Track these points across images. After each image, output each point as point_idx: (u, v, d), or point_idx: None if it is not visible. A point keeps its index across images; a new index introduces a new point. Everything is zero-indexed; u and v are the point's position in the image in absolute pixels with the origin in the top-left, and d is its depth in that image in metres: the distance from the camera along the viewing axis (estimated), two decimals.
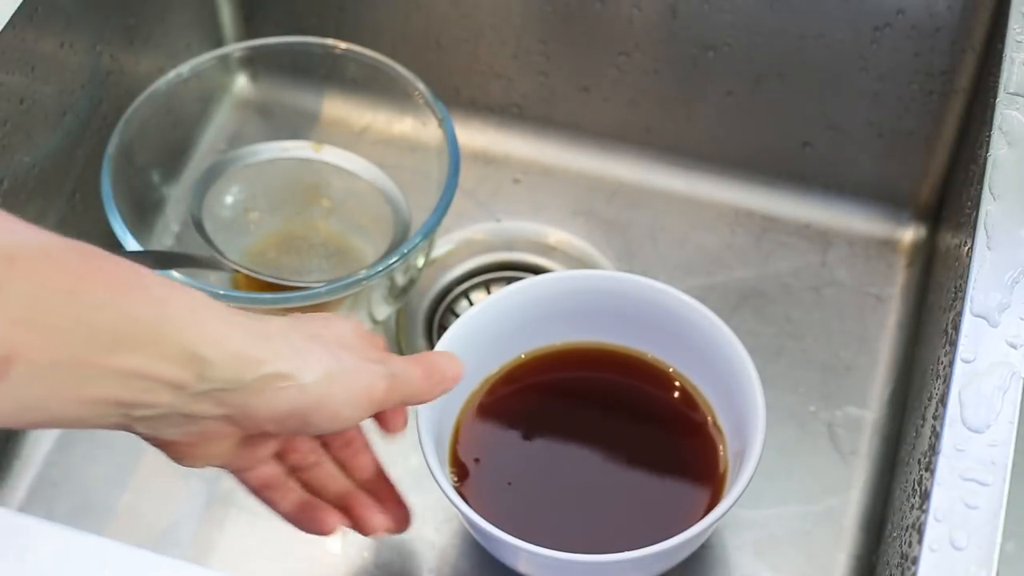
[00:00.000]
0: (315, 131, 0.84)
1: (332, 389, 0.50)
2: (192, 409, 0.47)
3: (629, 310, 0.66)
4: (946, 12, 0.72)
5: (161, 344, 0.44)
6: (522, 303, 0.65)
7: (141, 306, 0.44)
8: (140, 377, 0.44)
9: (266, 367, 0.48)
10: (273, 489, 0.57)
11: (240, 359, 0.47)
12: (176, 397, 0.46)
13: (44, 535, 0.47)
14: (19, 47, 0.66)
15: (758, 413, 0.60)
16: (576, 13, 0.79)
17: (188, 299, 0.46)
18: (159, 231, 0.76)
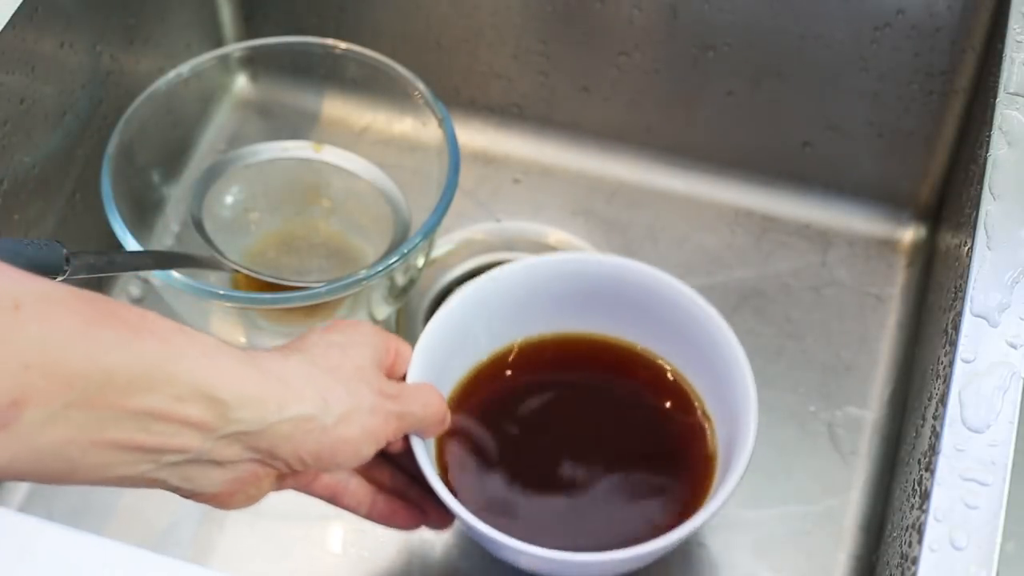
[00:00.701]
0: (315, 131, 0.84)
1: (351, 429, 0.51)
2: (221, 455, 0.48)
3: (616, 294, 0.65)
4: (946, 12, 0.72)
5: (176, 385, 0.45)
6: (507, 289, 0.65)
7: (152, 348, 0.44)
8: (159, 419, 0.45)
9: (288, 409, 0.49)
10: (346, 495, 0.58)
11: (260, 401, 0.48)
12: (202, 442, 0.46)
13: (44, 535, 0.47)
14: (19, 47, 0.66)
15: (749, 403, 0.59)
16: (576, 13, 0.79)
17: (199, 342, 0.46)
18: (159, 231, 0.76)
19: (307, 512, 0.69)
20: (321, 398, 0.50)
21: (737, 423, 0.60)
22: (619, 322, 0.66)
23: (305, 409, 0.49)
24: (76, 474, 0.44)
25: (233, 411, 0.47)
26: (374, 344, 0.56)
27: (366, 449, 0.53)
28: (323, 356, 0.53)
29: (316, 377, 0.51)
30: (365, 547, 0.68)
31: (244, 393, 0.47)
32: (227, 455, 0.48)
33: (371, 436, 0.53)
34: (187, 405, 0.45)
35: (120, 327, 0.44)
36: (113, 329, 0.43)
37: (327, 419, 0.50)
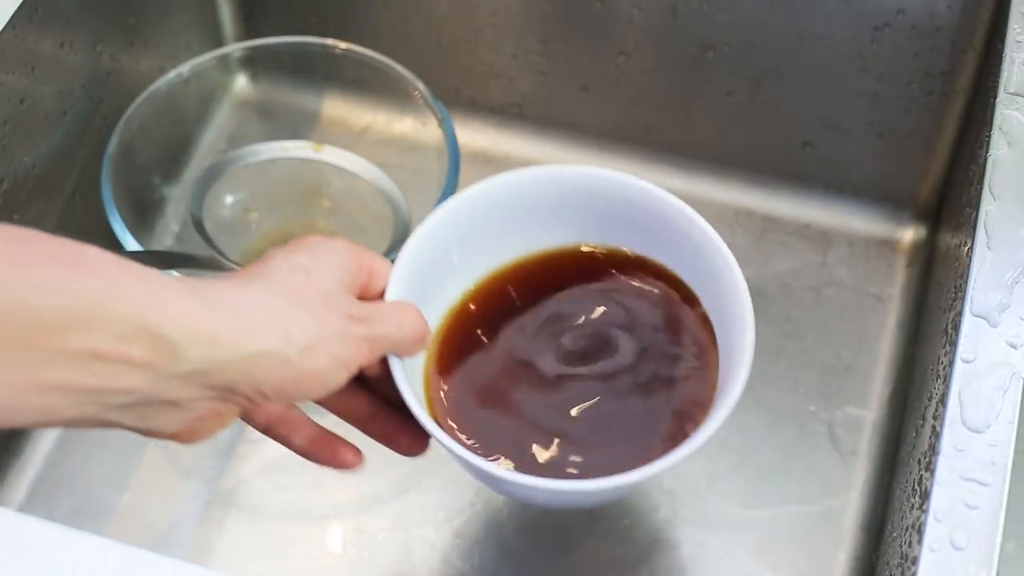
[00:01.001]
0: (315, 131, 0.84)
1: (319, 360, 0.48)
2: (175, 395, 0.45)
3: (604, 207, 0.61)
4: (946, 12, 0.72)
5: (116, 323, 0.42)
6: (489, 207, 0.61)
7: (89, 285, 0.42)
8: (100, 359, 0.42)
9: (245, 346, 0.46)
10: (282, 425, 0.55)
11: (212, 339, 0.45)
12: (151, 383, 0.44)
13: (44, 535, 0.47)
14: (19, 47, 0.66)
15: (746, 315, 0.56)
16: (576, 13, 0.79)
17: (143, 278, 0.44)
18: (159, 231, 0.76)
19: (307, 512, 0.70)
20: (282, 329, 0.47)
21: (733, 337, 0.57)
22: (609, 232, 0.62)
23: (265, 344, 0.46)
24: (17, 416, 0.43)
25: (182, 350, 0.44)
26: (344, 263, 0.53)
27: (335, 378, 0.49)
28: (285, 281, 0.49)
29: (277, 307, 0.48)
30: (365, 547, 0.68)
31: (193, 330, 0.44)
32: (182, 395, 0.45)
33: (341, 364, 0.49)
34: (130, 344, 0.43)
35: (51, 264, 0.42)
36: (43, 266, 0.41)
37: (291, 352, 0.47)
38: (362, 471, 0.56)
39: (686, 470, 0.70)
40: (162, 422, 0.47)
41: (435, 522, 0.68)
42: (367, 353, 0.51)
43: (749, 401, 0.73)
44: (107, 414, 0.45)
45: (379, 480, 0.70)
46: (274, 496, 0.70)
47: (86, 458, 0.71)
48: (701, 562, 0.67)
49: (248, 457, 0.71)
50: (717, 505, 0.69)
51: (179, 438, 0.48)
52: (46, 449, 0.72)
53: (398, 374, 0.54)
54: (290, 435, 0.55)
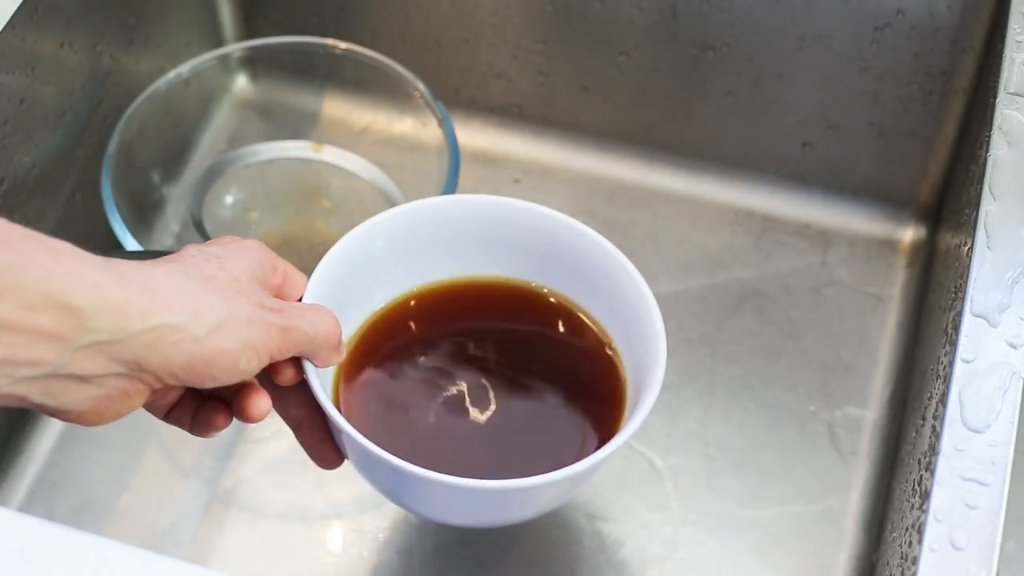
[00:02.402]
0: (315, 131, 0.84)
1: (227, 340, 0.48)
2: (83, 368, 0.45)
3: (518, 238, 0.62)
4: (946, 12, 0.72)
5: (25, 293, 0.42)
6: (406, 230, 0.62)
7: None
8: (8, 329, 0.42)
9: (153, 318, 0.45)
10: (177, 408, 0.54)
11: (121, 309, 0.45)
12: (58, 353, 0.44)
13: (44, 535, 0.47)
14: (19, 47, 0.66)
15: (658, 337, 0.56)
16: (576, 13, 0.79)
17: (53, 248, 0.44)
18: (159, 231, 0.76)
19: (307, 512, 0.70)
20: (190, 307, 0.47)
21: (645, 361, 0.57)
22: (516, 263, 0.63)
23: (172, 318, 0.46)
24: None
25: (90, 319, 0.44)
26: (257, 260, 0.53)
27: (245, 362, 0.49)
28: (196, 267, 0.50)
29: (185, 286, 0.48)
30: (365, 547, 0.68)
31: (102, 300, 0.44)
32: (89, 368, 0.45)
33: (250, 348, 0.49)
34: (38, 314, 0.43)
35: None
36: None
37: (198, 329, 0.47)
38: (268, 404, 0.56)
39: (687, 470, 0.70)
40: (69, 399, 0.46)
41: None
42: (279, 342, 0.50)
43: (749, 401, 0.73)
44: (14, 387, 0.44)
45: None
46: (274, 496, 0.70)
47: (86, 458, 0.71)
48: (701, 562, 0.67)
49: (248, 457, 0.71)
50: (717, 505, 0.69)
51: (85, 418, 0.48)
52: (46, 449, 0.72)
53: (311, 376, 0.54)
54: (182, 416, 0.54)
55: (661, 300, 0.64)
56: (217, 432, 0.55)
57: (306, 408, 0.55)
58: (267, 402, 0.54)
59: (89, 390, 0.46)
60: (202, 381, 0.48)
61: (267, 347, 0.50)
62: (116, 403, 0.48)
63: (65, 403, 0.46)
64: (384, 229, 0.61)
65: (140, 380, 0.47)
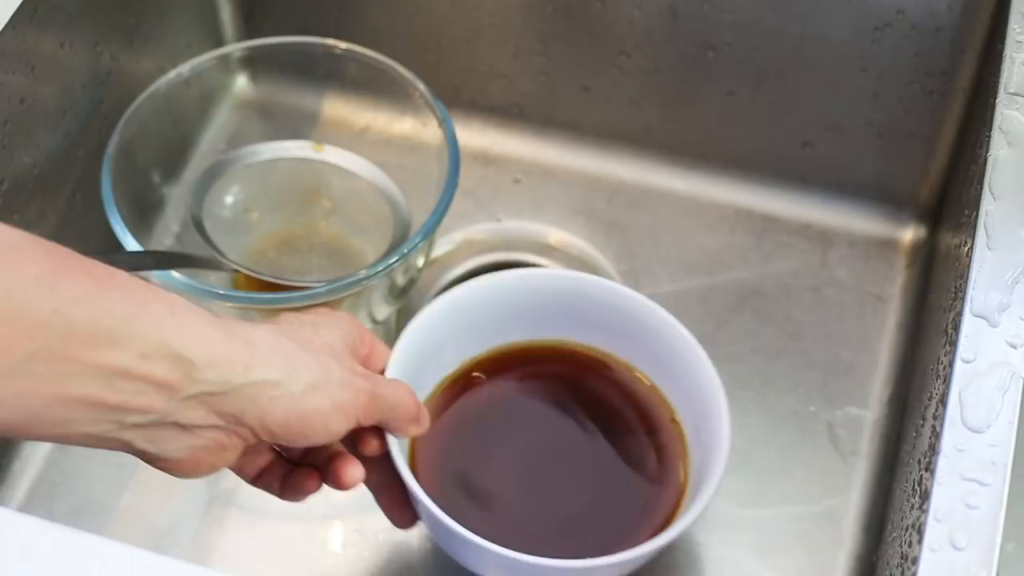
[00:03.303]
0: (315, 131, 0.84)
1: (320, 400, 0.50)
2: (186, 417, 0.47)
3: (593, 312, 0.65)
4: (946, 12, 0.72)
5: (142, 342, 0.44)
6: (483, 300, 0.65)
7: (119, 303, 0.43)
8: (124, 376, 0.44)
9: (255, 373, 0.48)
10: (268, 474, 0.57)
11: (226, 362, 0.47)
12: (166, 402, 0.46)
13: (44, 535, 0.47)
14: (19, 47, 0.66)
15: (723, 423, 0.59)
16: (576, 13, 0.79)
17: (167, 300, 0.45)
18: (159, 231, 0.76)
19: (307, 512, 0.69)
20: (288, 365, 0.49)
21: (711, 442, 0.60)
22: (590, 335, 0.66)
23: (272, 374, 0.48)
24: (35, 427, 0.44)
25: (199, 371, 0.46)
26: (348, 329, 0.56)
27: (335, 423, 0.51)
28: (294, 330, 0.52)
29: (284, 346, 0.50)
30: (365, 547, 0.68)
31: (211, 353, 0.46)
32: (192, 418, 0.47)
33: (340, 410, 0.51)
34: (153, 363, 0.44)
35: (86, 280, 0.43)
36: (78, 282, 0.42)
37: (294, 387, 0.49)
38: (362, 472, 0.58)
39: None
40: (168, 448, 0.48)
41: None
42: (365, 406, 0.53)
43: (749, 401, 0.73)
44: (120, 433, 0.46)
45: None
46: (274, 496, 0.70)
47: (86, 458, 0.71)
48: (701, 562, 0.67)
49: None
50: (717, 505, 0.69)
51: (181, 467, 0.50)
52: (46, 449, 0.72)
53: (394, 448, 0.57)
54: (272, 482, 0.57)
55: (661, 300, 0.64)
56: (306, 496, 0.58)
57: (387, 475, 0.58)
58: (360, 471, 0.57)
59: (188, 440, 0.48)
60: (294, 439, 0.50)
61: (355, 410, 0.52)
62: (211, 455, 0.49)
63: (164, 451, 0.48)
64: (463, 301, 0.64)
65: (236, 434, 0.49)
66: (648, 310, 0.64)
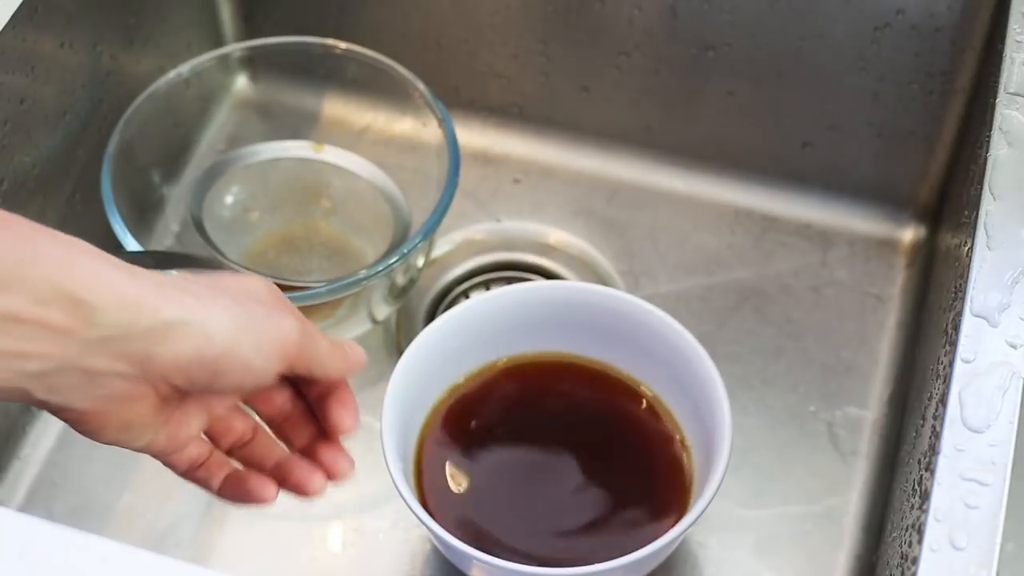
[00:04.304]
0: (315, 131, 0.84)
1: (241, 338, 0.47)
2: (89, 363, 0.44)
3: (598, 321, 0.65)
4: (946, 12, 0.72)
5: (32, 285, 0.42)
6: (490, 313, 0.65)
7: (8, 246, 0.42)
8: (16, 321, 0.42)
9: (163, 313, 0.45)
10: (203, 468, 0.53)
11: (131, 304, 0.44)
12: (66, 347, 0.43)
13: (44, 535, 0.47)
14: (19, 47, 0.66)
15: (724, 427, 0.59)
16: (576, 13, 0.79)
17: (64, 243, 0.44)
18: (159, 231, 0.76)
19: (307, 512, 0.69)
20: (203, 305, 0.46)
21: (712, 446, 0.60)
22: (595, 346, 0.66)
23: (184, 314, 0.45)
24: None
25: (100, 314, 0.43)
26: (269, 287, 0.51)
27: (259, 362, 0.48)
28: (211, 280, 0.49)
29: (198, 290, 0.47)
30: (365, 547, 0.68)
31: (113, 295, 0.44)
32: (96, 364, 0.45)
33: (265, 349, 0.48)
34: (49, 308, 0.42)
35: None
36: None
37: (209, 325, 0.46)
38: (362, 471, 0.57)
39: None
40: (72, 397, 0.46)
41: None
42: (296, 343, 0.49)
43: (749, 401, 0.73)
44: (19, 381, 0.44)
45: (379, 480, 0.70)
46: None
47: (86, 458, 0.71)
48: (701, 562, 0.67)
49: None
50: (717, 505, 0.69)
51: (87, 419, 0.47)
52: (46, 449, 0.72)
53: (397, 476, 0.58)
54: (209, 478, 0.54)
55: (661, 300, 0.64)
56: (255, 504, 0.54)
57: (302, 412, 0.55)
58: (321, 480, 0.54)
59: (92, 388, 0.46)
60: (212, 382, 0.47)
61: (283, 347, 0.49)
62: (119, 406, 0.47)
63: (68, 401, 0.46)
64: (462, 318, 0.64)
65: (145, 382, 0.46)
66: (649, 315, 0.64)
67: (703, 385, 0.61)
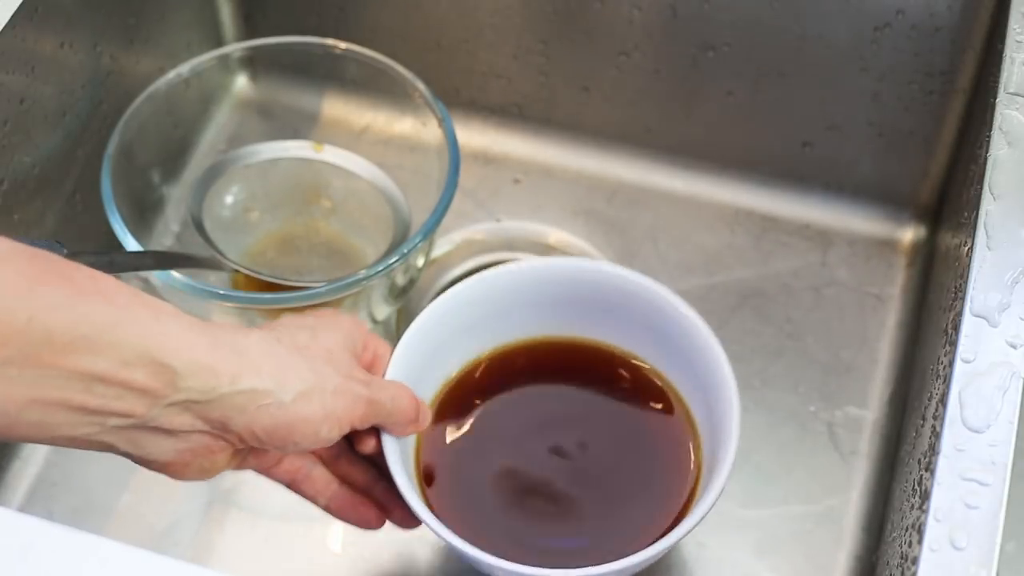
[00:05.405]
0: (315, 131, 0.84)
1: (312, 408, 0.50)
2: (170, 423, 0.47)
3: (601, 300, 0.64)
4: (946, 12, 0.72)
5: (122, 349, 0.44)
6: (486, 295, 0.64)
7: (99, 310, 0.43)
8: (103, 382, 0.44)
9: (241, 382, 0.47)
10: (307, 483, 0.57)
11: (211, 371, 0.46)
12: (149, 408, 0.46)
13: (44, 535, 0.47)
14: (19, 47, 0.66)
15: (732, 411, 0.58)
16: (576, 13, 0.79)
17: (152, 307, 0.45)
18: (159, 231, 0.76)
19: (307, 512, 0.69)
20: (279, 372, 0.49)
21: (720, 429, 0.59)
22: (600, 327, 0.65)
23: (260, 383, 0.48)
24: (15, 429, 0.44)
25: (182, 379, 0.46)
26: (350, 333, 0.55)
27: (327, 431, 0.51)
28: (289, 335, 0.52)
29: (276, 352, 0.50)
30: (365, 547, 0.68)
31: (195, 361, 0.46)
32: (176, 424, 0.47)
33: (333, 417, 0.51)
34: (133, 370, 0.44)
35: (66, 287, 0.43)
36: (58, 288, 0.43)
37: (284, 395, 0.49)
38: None
39: None
40: (154, 450, 0.48)
41: None
42: (362, 414, 0.53)
43: (749, 401, 0.73)
44: (103, 436, 0.46)
45: None
46: (274, 496, 0.70)
47: (86, 458, 0.71)
48: (701, 562, 0.67)
49: None
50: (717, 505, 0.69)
51: (170, 469, 0.50)
52: (46, 449, 0.72)
53: (390, 453, 0.56)
54: (316, 495, 0.58)
55: None
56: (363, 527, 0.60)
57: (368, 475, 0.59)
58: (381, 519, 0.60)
59: (174, 443, 0.48)
60: (283, 446, 0.50)
61: (349, 417, 0.52)
62: (199, 458, 0.50)
63: (150, 453, 0.48)
64: (464, 298, 0.64)
65: (223, 439, 0.49)
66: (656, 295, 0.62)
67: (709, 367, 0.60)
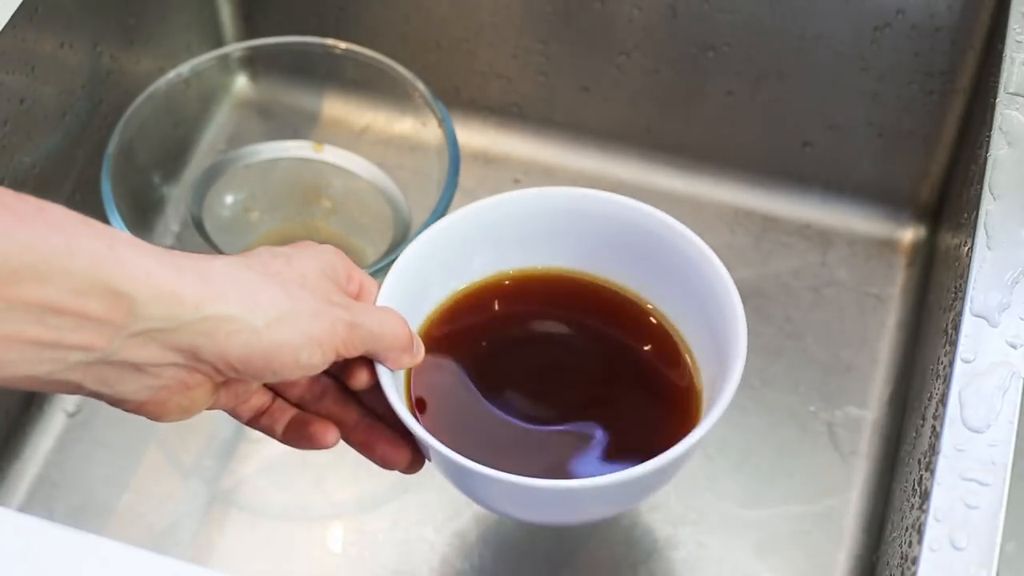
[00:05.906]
0: (315, 131, 0.84)
1: (287, 332, 0.47)
2: (136, 356, 0.44)
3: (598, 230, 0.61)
4: (946, 12, 0.72)
5: (73, 277, 0.42)
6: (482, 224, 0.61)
7: (44, 238, 0.41)
8: (56, 313, 0.42)
9: (207, 308, 0.45)
10: (266, 415, 0.54)
11: (173, 297, 0.44)
12: (110, 339, 0.43)
13: (44, 535, 0.47)
14: (19, 47, 0.66)
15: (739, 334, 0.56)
16: (576, 13, 0.79)
17: (105, 235, 0.43)
18: (159, 231, 0.76)
19: (307, 512, 0.70)
20: (248, 298, 0.46)
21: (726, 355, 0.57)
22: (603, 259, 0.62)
23: (227, 308, 0.45)
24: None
25: (141, 306, 0.43)
26: (331, 262, 0.52)
27: (307, 357, 0.48)
28: (261, 263, 0.49)
29: (244, 277, 0.47)
30: (365, 547, 0.68)
31: (155, 287, 0.43)
32: (143, 356, 0.45)
33: (314, 342, 0.48)
34: (87, 299, 0.42)
35: (6, 215, 0.41)
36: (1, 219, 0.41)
37: (256, 321, 0.46)
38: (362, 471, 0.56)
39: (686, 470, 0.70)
40: (126, 388, 0.46)
41: (435, 522, 0.68)
42: (344, 337, 0.49)
43: (749, 401, 0.73)
44: (67, 373, 0.44)
45: (379, 480, 0.70)
46: (274, 496, 0.70)
47: (86, 458, 0.71)
48: (701, 562, 0.67)
49: (248, 457, 0.71)
50: (717, 505, 0.69)
51: (147, 409, 0.47)
52: (46, 449, 0.72)
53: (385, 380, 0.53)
54: (272, 424, 0.54)
55: None
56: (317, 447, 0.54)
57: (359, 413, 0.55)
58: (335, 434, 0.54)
59: (146, 380, 0.46)
60: (262, 375, 0.48)
61: (331, 342, 0.49)
62: (176, 395, 0.47)
63: (122, 392, 0.46)
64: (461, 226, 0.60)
65: (198, 371, 0.47)
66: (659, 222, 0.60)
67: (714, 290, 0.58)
